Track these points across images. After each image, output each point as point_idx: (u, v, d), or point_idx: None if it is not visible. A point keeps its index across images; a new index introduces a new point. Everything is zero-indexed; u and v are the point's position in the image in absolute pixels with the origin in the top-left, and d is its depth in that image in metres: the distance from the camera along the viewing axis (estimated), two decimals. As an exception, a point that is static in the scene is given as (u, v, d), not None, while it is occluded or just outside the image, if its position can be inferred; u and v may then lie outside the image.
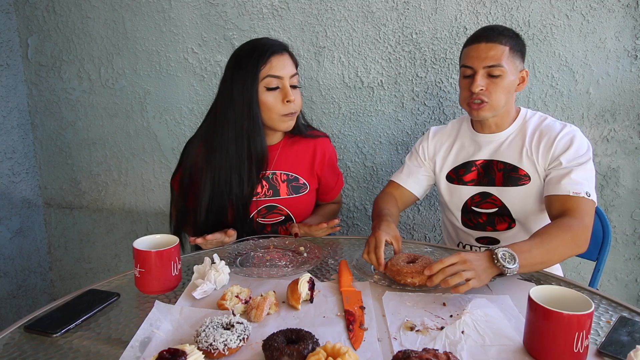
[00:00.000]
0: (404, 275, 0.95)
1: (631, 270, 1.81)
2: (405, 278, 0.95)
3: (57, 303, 0.89)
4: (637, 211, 1.75)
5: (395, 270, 0.97)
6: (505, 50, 1.20)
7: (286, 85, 1.26)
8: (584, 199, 1.11)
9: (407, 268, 0.96)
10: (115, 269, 2.19)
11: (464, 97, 1.27)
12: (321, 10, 1.75)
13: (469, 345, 0.74)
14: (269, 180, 1.37)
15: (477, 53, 1.22)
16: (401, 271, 0.95)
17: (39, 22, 1.98)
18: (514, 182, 1.25)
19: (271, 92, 1.26)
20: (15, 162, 2.05)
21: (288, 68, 1.27)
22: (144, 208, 2.07)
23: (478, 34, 1.26)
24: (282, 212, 1.38)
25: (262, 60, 1.24)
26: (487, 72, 1.21)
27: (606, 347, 0.74)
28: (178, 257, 0.96)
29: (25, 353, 0.74)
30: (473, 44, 1.24)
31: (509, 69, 1.20)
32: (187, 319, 0.82)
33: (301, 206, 1.40)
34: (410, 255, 1.03)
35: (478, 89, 1.21)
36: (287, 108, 1.27)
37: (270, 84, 1.25)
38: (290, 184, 1.38)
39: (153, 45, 1.89)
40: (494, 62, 1.19)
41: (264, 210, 1.36)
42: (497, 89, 1.21)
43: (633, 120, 1.68)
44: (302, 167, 1.40)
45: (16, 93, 2.03)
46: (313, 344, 0.69)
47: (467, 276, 0.88)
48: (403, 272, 0.95)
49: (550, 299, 0.72)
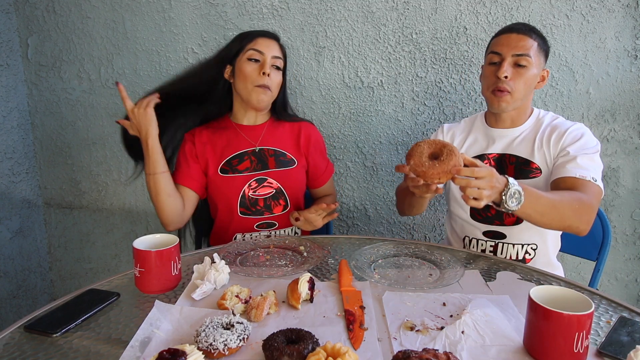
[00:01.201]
0: (430, 177, 0.93)
1: (631, 270, 1.81)
2: (433, 180, 0.94)
3: (57, 303, 0.89)
4: (637, 211, 1.75)
5: (421, 172, 0.94)
6: (534, 44, 1.23)
7: (267, 60, 1.36)
8: (591, 182, 1.12)
9: (433, 169, 0.93)
10: (115, 269, 2.19)
11: (488, 84, 1.28)
12: (321, 10, 1.75)
13: (469, 345, 0.74)
14: (257, 155, 1.42)
15: (507, 41, 1.25)
16: (427, 173, 0.93)
17: (39, 22, 1.98)
18: (526, 175, 1.26)
19: (251, 63, 1.36)
20: (15, 162, 2.05)
21: (272, 48, 1.38)
22: (144, 208, 2.08)
23: (510, 26, 1.30)
24: (272, 185, 1.42)
25: (249, 38, 1.38)
26: (515, 61, 1.23)
27: (606, 347, 0.74)
28: (178, 256, 0.96)
29: (25, 353, 0.74)
30: (505, 33, 1.28)
31: (535, 62, 1.23)
32: (187, 319, 0.82)
33: (291, 180, 1.44)
34: (431, 145, 0.98)
35: (504, 75, 1.22)
36: (261, 79, 1.35)
37: (252, 55, 1.36)
38: (277, 158, 1.44)
39: (153, 45, 1.89)
40: (523, 51, 1.22)
41: (254, 184, 1.40)
42: (520, 80, 1.23)
43: (633, 120, 1.68)
44: (288, 145, 1.47)
45: (16, 93, 2.03)
46: (313, 344, 0.69)
47: (484, 195, 0.94)
48: (429, 175, 0.93)
49: (550, 299, 0.72)
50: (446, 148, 0.95)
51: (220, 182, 1.39)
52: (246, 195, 1.40)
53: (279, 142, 1.46)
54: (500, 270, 1.06)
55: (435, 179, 0.93)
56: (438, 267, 1.07)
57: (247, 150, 1.42)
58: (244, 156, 1.41)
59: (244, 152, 1.42)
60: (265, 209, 1.41)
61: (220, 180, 1.39)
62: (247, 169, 1.40)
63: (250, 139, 1.43)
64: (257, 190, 1.40)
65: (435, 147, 0.97)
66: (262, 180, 1.41)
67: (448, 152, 0.94)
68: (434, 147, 0.97)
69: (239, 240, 1.37)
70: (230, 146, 1.42)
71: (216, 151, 1.41)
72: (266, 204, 1.41)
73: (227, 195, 1.39)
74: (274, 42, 1.39)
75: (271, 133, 1.46)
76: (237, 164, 1.40)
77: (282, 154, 1.44)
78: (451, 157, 0.93)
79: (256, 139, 1.44)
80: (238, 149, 1.42)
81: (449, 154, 0.94)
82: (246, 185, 1.40)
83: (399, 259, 1.12)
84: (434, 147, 0.97)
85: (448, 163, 0.92)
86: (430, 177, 0.93)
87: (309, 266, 1.06)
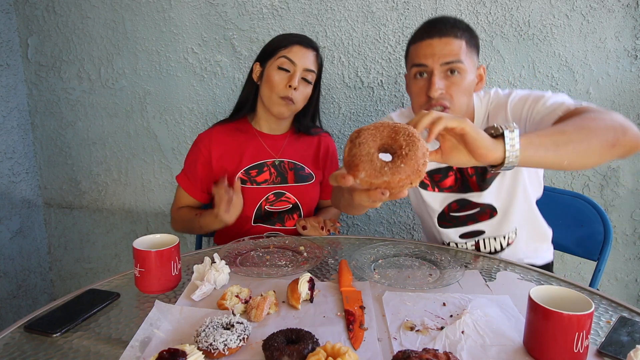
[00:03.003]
0: (397, 186, 0.67)
1: (631, 270, 1.81)
2: (402, 188, 0.68)
3: (57, 303, 0.89)
4: (637, 211, 1.75)
5: (383, 183, 0.67)
6: (462, 44, 1.05)
7: (297, 73, 1.30)
8: (581, 106, 0.95)
9: (397, 174, 0.67)
10: (115, 269, 2.19)
11: (419, 103, 1.09)
12: (321, 10, 1.75)
13: (469, 345, 0.74)
14: (277, 168, 1.39)
15: (431, 50, 1.05)
16: (391, 183, 0.67)
17: (39, 22, 1.98)
18: (492, 178, 1.20)
19: (280, 72, 1.30)
20: (15, 162, 2.05)
21: (306, 59, 1.31)
22: (144, 208, 2.07)
23: (427, 28, 1.08)
24: (290, 200, 1.40)
25: (284, 43, 1.31)
26: (446, 70, 1.05)
27: (606, 347, 0.73)
28: (178, 256, 0.96)
29: (26, 353, 0.74)
30: (424, 39, 1.07)
31: (468, 65, 1.06)
32: (187, 319, 0.82)
33: (307, 196, 1.42)
34: (376, 135, 0.71)
35: (437, 93, 1.05)
36: (287, 91, 1.30)
37: (282, 64, 1.30)
38: (297, 172, 1.41)
39: (153, 45, 1.89)
40: (452, 57, 1.04)
41: (272, 197, 1.38)
42: (457, 90, 1.06)
43: (633, 120, 1.68)
44: (307, 158, 1.44)
45: (16, 93, 2.03)
46: (313, 344, 0.69)
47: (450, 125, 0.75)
48: (394, 184, 0.67)
49: (550, 299, 0.72)
50: (401, 133, 0.69)
51: None
52: (262, 208, 1.37)
53: (299, 155, 1.43)
54: (501, 270, 1.06)
55: (405, 186, 0.67)
56: (438, 267, 1.06)
57: (267, 161, 1.39)
58: (264, 167, 1.38)
59: (263, 162, 1.38)
60: (278, 221, 1.40)
61: None
62: (265, 181, 1.37)
63: (270, 149, 1.40)
64: (275, 204, 1.38)
65: (384, 138, 0.70)
66: (280, 194, 1.38)
67: (407, 139, 0.69)
68: (381, 137, 0.70)
69: (239, 240, 1.36)
70: (250, 155, 1.38)
71: (234, 158, 1.37)
72: (280, 216, 1.40)
73: (243, 205, 1.35)
74: (310, 52, 1.33)
75: (292, 145, 1.43)
76: (256, 174, 1.37)
77: (302, 167, 1.42)
78: (415, 145, 0.68)
79: (277, 149, 1.40)
80: (258, 159, 1.38)
81: (409, 141, 0.68)
82: (264, 198, 1.37)
83: (399, 259, 1.11)
84: (382, 137, 0.70)
85: (415, 157, 0.67)
86: (396, 186, 0.66)
87: (309, 266, 1.06)
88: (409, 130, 0.70)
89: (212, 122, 1.90)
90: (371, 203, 0.72)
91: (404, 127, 0.70)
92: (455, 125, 0.75)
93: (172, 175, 2.00)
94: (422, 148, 0.68)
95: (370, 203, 0.72)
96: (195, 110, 1.92)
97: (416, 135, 0.69)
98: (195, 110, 1.92)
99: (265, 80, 1.33)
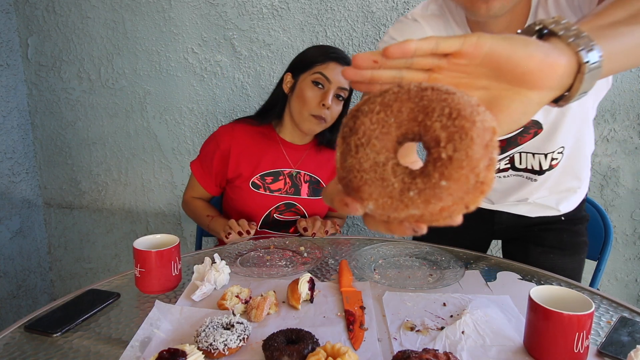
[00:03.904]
0: (432, 219, 0.36)
1: (631, 270, 1.81)
2: (439, 222, 0.36)
3: (57, 303, 0.89)
4: (637, 211, 1.75)
5: (409, 217, 0.36)
6: None
7: (331, 90, 1.28)
8: None
9: (431, 204, 0.34)
10: (115, 269, 2.19)
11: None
12: (321, 10, 1.75)
13: (469, 345, 0.74)
14: (292, 178, 1.38)
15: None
16: (424, 217, 0.36)
17: (39, 22, 1.98)
18: None
19: (314, 88, 1.29)
20: (15, 162, 2.05)
21: (341, 78, 1.29)
22: (144, 208, 2.07)
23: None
24: (300, 211, 1.39)
25: (321, 59, 1.29)
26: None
27: (606, 348, 0.74)
28: (178, 257, 0.96)
29: (26, 353, 0.74)
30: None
31: None
32: (187, 319, 0.82)
33: (317, 209, 1.41)
34: (389, 117, 0.36)
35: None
36: (319, 110, 1.28)
37: (317, 79, 1.28)
38: (312, 185, 1.40)
39: (153, 45, 1.89)
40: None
41: (282, 207, 1.37)
42: None
43: (633, 120, 1.68)
44: (324, 173, 1.42)
45: (16, 93, 2.03)
46: (313, 344, 0.69)
47: None
48: (427, 218, 0.36)
49: (550, 299, 0.72)
50: (437, 112, 0.34)
51: (248, 194, 1.35)
52: (271, 216, 1.37)
53: (317, 168, 1.42)
54: (501, 270, 1.06)
55: (455, 213, 0.35)
56: (438, 267, 1.06)
57: (284, 170, 1.38)
58: (279, 175, 1.37)
59: (280, 171, 1.37)
60: (284, 228, 1.40)
61: (249, 194, 1.35)
62: (279, 190, 1.36)
63: (290, 159, 1.39)
64: (284, 214, 1.38)
65: (403, 124, 0.36)
66: (291, 205, 1.38)
67: (448, 124, 0.34)
68: (398, 124, 0.36)
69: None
70: (268, 161, 1.37)
71: (252, 161, 1.36)
72: (287, 224, 1.40)
73: (253, 209, 1.35)
74: None
75: (312, 157, 1.42)
76: (271, 182, 1.36)
77: (317, 181, 1.41)
78: (466, 136, 0.33)
79: (296, 160, 1.39)
80: (275, 167, 1.37)
81: (454, 128, 0.33)
82: (274, 207, 1.36)
83: (399, 259, 1.11)
84: (400, 123, 0.36)
85: (468, 159, 0.33)
86: (438, 217, 0.36)
87: (309, 266, 1.06)
88: (452, 103, 0.34)
89: (212, 122, 1.91)
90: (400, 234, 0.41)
91: (439, 95, 0.35)
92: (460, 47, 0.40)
93: (172, 175, 2.00)
94: (481, 137, 0.33)
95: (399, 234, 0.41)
96: (195, 110, 1.92)
97: (466, 113, 0.33)
98: (195, 110, 1.92)
99: (297, 94, 1.31)
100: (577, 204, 1.17)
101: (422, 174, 0.35)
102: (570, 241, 1.19)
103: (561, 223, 1.17)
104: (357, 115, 0.38)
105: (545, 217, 1.16)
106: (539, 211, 1.15)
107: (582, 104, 0.93)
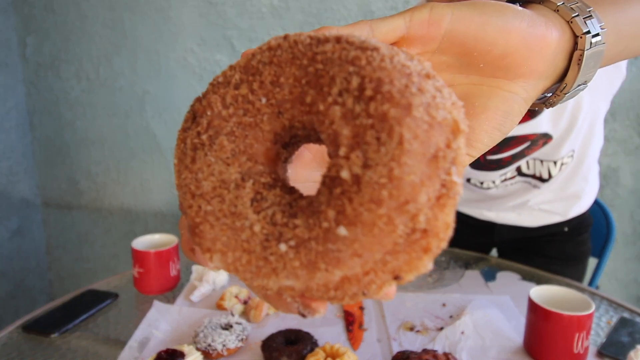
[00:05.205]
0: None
1: (631, 270, 1.81)
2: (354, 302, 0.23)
3: (55, 303, 0.89)
4: (637, 211, 1.75)
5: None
6: None
7: None
8: None
9: None
10: (113, 269, 2.18)
11: None
12: (321, 10, 1.74)
13: (469, 346, 0.74)
14: None
15: None
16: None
17: (38, 21, 1.97)
18: None
19: None
20: (14, 161, 2.05)
21: None
22: (143, 208, 2.07)
23: None
24: None
25: None
26: None
27: (606, 348, 0.73)
28: (177, 257, 0.96)
29: (24, 353, 0.73)
30: None
31: None
32: (186, 320, 0.82)
33: None
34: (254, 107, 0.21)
35: None
36: None
37: None
38: None
39: (152, 45, 1.88)
40: None
41: None
42: None
43: (633, 120, 1.68)
44: None
45: (14, 92, 2.03)
46: (312, 344, 0.69)
47: None
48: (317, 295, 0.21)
49: (550, 299, 0.72)
50: (339, 83, 0.18)
51: None
52: None
53: None
54: (501, 270, 1.06)
55: (351, 295, 0.20)
56: (438, 267, 1.06)
57: None
58: None
59: None
60: None
61: None
62: None
63: None
64: None
65: (288, 103, 0.20)
66: None
67: (358, 123, 0.17)
68: (279, 104, 0.21)
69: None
70: None
71: None
72: None
73: None
74: None
75: None
76: None
77: None
78: (388, 152, 0.17)
79: None
80: None
81: (373, 131, 0.17)
82: None
83: (398, 259, 1.11)
84: (282, 102, 0.20)
85: (381, 202, 0.17)
86: (327, 296, 0.20)
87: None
88: (367, 68, 0.18)
89: (211, 122, 1.90)
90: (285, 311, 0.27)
91: (346, 53, 0.19)
92: None
93: (171, 175, 1.99)
94: (422, 137, 0.17)
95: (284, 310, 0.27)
96: (195, 110, 1.91)
97: (394, 88, 0.17)
98: (194, 109, 1.91)
99: None
100: (584, 209, 1.09)
101: (309, 207, 0.19)
102: (573, 252, 1.14)
103: (564, 235, 1.11)
104: (206, 93, 0.24)
105: (548, 227, 1.09)
106: (543, 218, 1.08)
107: (594, 102, 0.85)
